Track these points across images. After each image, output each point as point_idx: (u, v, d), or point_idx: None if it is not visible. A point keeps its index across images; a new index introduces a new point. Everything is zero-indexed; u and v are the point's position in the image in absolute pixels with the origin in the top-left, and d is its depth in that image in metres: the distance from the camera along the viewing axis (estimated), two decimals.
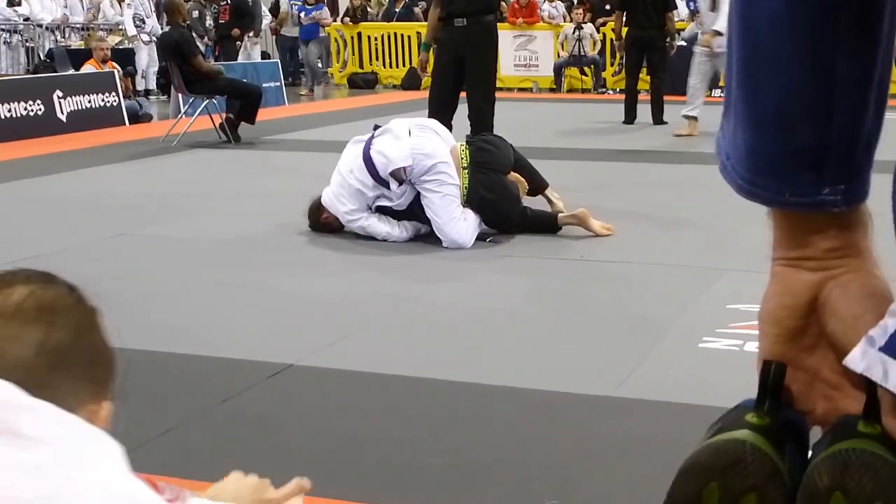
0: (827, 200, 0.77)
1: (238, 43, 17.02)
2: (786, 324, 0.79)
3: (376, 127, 6.00)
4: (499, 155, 5.98)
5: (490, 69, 8.02)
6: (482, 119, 7.74)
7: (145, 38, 16.57)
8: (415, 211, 5.86)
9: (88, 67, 13.18)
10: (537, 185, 6.17)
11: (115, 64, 13.28)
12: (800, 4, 0.73)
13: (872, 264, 0.79)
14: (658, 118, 11.81)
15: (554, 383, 3.64)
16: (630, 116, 11.96)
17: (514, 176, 5.99)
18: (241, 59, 16.45)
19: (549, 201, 6.16)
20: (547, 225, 5.96)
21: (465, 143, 6.03)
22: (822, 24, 0.73)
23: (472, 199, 5.79)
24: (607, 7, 17.16)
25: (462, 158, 5.84)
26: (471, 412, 3.43)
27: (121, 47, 16.28)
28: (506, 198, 5.87)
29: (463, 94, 7.85)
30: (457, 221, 5.72)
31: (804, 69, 0.74)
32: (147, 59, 16.67)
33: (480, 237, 5.83)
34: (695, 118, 10.58)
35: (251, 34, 17.55)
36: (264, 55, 18.51)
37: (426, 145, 5.79)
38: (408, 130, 5.87)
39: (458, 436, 3.21)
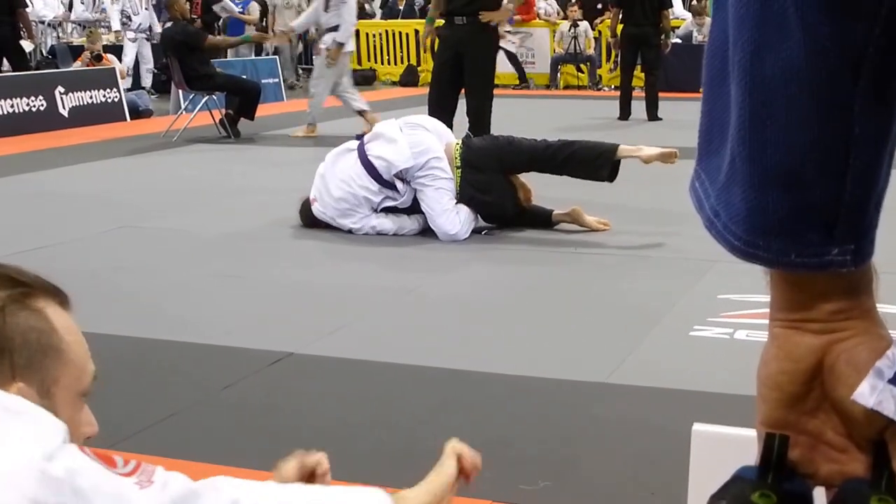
0: (835, 261, 0.72)
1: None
2: (787, 389, 0.75)
3: (359, 136, 6.00)
4: (491, 154, 5.94)
5: (489, 67, 8.07)
6: (480, 117, 7.80)
7: (131, 35, 16.36)
8: (416, 207, 5.93)
9: (77, 65, 13.21)
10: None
11: (110, 58, 13.29)
12: (819, 56, 0.67)
13: (879, 325, 0.75)
14: (652, 114, 11.89)
15: (547, 370, 3.72)
16: (625, 113, 12.03)
17: (519, 181, 6.00)
18: (228, 56, 16.30)
19: None
20: (541, 221, 6.02)
21: (459, 143, 6.06)
22: (842, 78, 0.68)
23: (463, 198, 5.85)
24: (599, 6, 17.24)
25: (455, 158, 5.90)
26: (465, 398, 3.52)
27: (119, 44, 16.29)
28: (497, 197, 5.89)
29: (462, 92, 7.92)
30: (449, 213, 5.79)
31: (820, 126, 0.69)
32: (133, 56, 16.12)
33: (477, 231, 5.92)
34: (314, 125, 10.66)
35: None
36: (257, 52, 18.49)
37: (420, 142, 5.86)
38: (399, 130, 5.93)
39: (452, 420, 3.30)
